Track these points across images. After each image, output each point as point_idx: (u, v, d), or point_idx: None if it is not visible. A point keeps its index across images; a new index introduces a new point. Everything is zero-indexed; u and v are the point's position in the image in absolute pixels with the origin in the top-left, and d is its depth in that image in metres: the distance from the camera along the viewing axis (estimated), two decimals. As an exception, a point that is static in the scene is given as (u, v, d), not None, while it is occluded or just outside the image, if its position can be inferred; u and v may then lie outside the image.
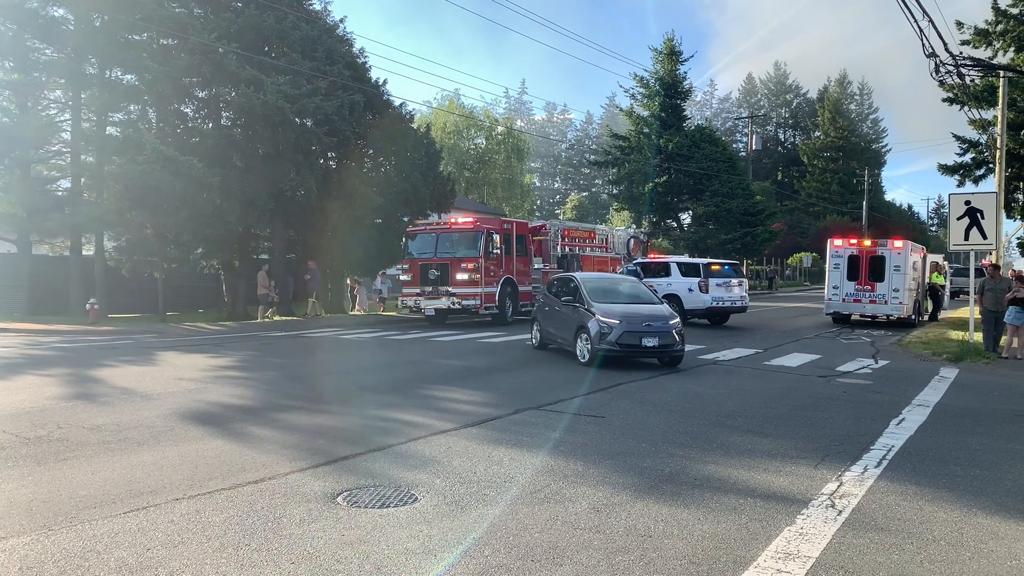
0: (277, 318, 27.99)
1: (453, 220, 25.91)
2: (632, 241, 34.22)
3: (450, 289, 24.06)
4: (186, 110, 30.46)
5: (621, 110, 65.04)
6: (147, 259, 27.53)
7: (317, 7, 33.57)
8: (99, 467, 7.38)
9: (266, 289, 27.51)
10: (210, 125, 30.10)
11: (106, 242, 28.90)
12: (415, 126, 36.19)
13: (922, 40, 17.68)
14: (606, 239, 32.47)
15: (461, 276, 23.91)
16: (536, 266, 27.25)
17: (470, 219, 25.73)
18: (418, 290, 24.78)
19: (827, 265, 26.92)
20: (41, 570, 4.90)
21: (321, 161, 31.12)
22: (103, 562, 5.05)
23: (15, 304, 27.53)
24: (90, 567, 4.95)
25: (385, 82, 34.20)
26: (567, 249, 28.87)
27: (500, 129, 66.61)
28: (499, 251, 24.78)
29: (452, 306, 24.06)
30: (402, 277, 25.69)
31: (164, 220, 25.62)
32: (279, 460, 7.65)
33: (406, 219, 30.64)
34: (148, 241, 26.94)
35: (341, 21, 33.89)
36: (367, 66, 33.79)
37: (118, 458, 7.72)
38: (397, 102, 34.51)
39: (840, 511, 6.31)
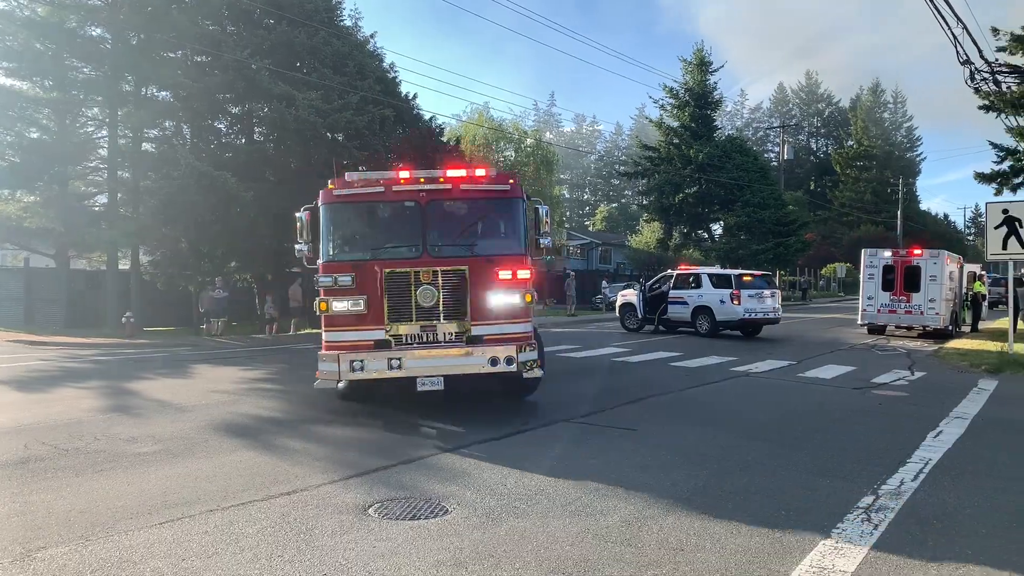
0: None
1: (447, 172, 11.19)
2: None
3: (477, 327, 10.62)
4: (220, 126, 30.96)
5: (651, 121, 64.95)
6: (182, 273, 27.89)
7: (348, 23, 34.02)
8: (135, 478, 7.48)
9: (298, 303, 27.61)
10: (243, 140, 30.53)
11: (141, 256, 29.35)
12: (445, 139, 36.39)
13: (956, 47, 17.50)
14: None
15: (499, 298, 10.68)
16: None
17: (481, 171, 11.27)
18: (382, 332, 10.52)
19: (861, 275, 26.57)
20: (78, 580, 4.97)
21: (352, 175, 31.39)
22: (139, 572, 5.12)
23: (53, 317, 28.05)
24: (126, 577, 5.02)
25: (415, 96, 34.67)
26: None
27: (529, 141, 66.59)
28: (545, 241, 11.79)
29: (490, 366, 10.42)
30: (335, 305, 10.57)
31: (198, 234, 25.97)
32: (311, 472, 7.70)
33: None
34: (183, 255, 27.30)
35: (371, 36, 34.35)
36: (397, 80, 34.17)
37: (153, 469, 7.82)
38: (427, 116, 34.88)
39: (876, 525, 6.22)
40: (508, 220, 11.37)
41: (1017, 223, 18.41)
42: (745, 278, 25.09)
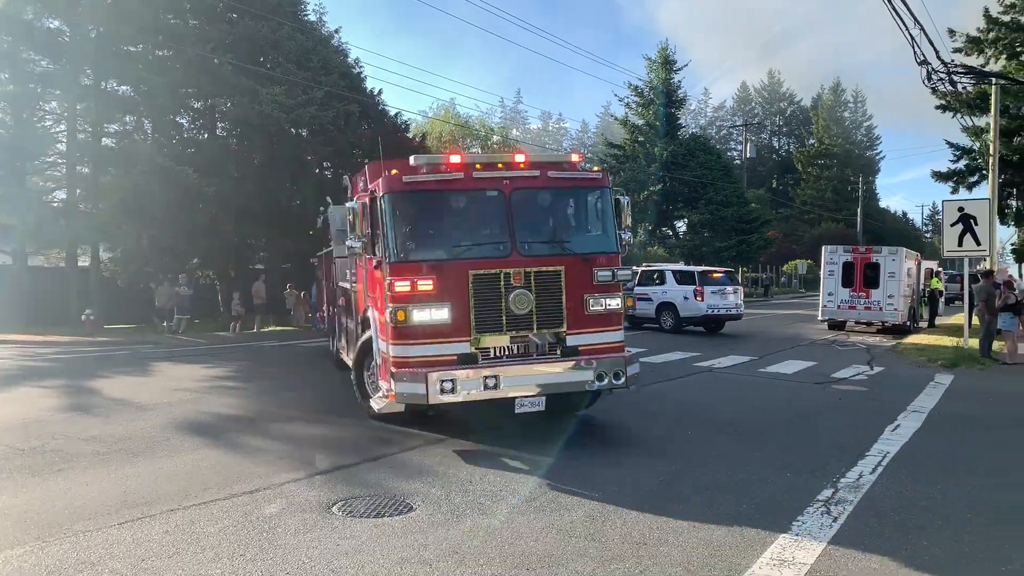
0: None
1: (529, 158, 9.74)
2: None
3: (572, 336, 9.18)
4: (182, 121, 30.51)
5: (616, 119, 65.19)
6: (143, 270, 27.47)
7: (312, 18, 33.69)
8: (94, 478, 7.37)
9: (261, 300, 27.30)
10: (206, 136, 30.15)
11: (102, 253, 28.85)
12: (411, 135, 36.24)
13: (914, 48, 17.78)
14: None
15: (598, 302, 9.32)
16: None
17: (559, 157, 10.41)
18: (467, 344, 8.81)
19: (822, 272, 26.95)
20: (36, 582, 4.90)
21: (316, 171, 31.17)
22: (97, 573, 5.06)
23: (12, 315, 27.44)
24: (85, 578, 4.95)
25: (380, 92, 34.31)
26: None
27: (496, 138, 66.71)
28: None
29: (597, 381, 9.06)
30: (416, 314, 8.70)
31: (160, 230, 25.58)
32: (274, 470, 7.65)
33: None
34: (144, 252, 26.87)
35: (336, 32, 34.02)
36: (362, 76, 33.91)
37: (113, 469, 7.71)
38: (392, 112, 34.63)
39: (835, 518, 6.33)
40: (599, 213, 9.98)
41: (972, 221, 18.80)
42: (708, 275, 25.33)
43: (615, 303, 9.42)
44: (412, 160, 9.23)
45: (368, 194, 9.67)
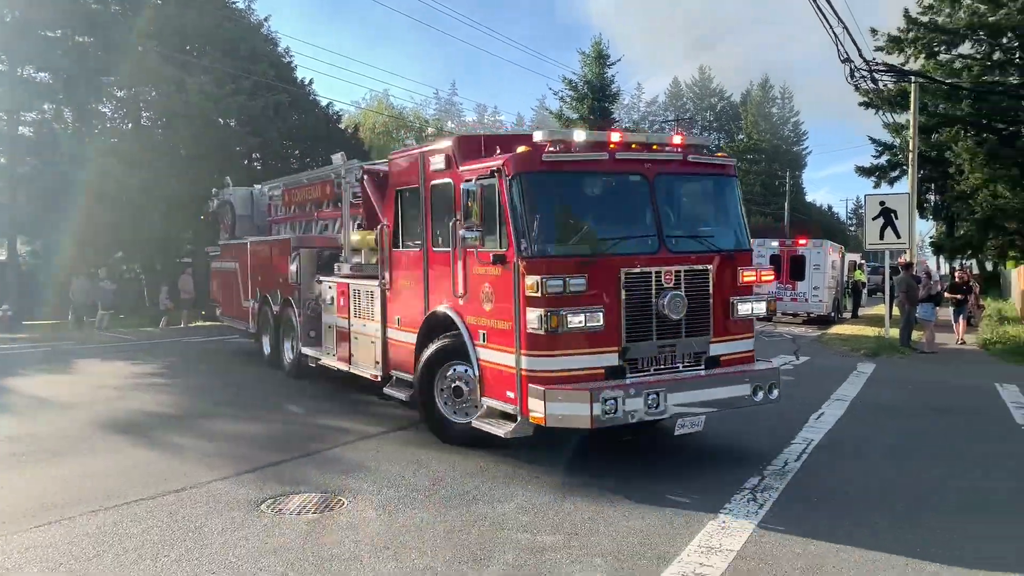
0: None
1: (672, 139, 8.55)
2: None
3: (715, 344, 8.11)
4: (104, 110, 29.54)
5: (551, 113, 65.42)
6: (64, 263, 26.56)
7: (240, 5, 33.00)
8: (10, 480, 7.12)
9: (189, 295, 26.63)
10: (130, 125, 29.28)
11: (20, 246, 27.82)
12: (343, 126, 35.84)
13: (837, 46, 18.26)
14: None
15: (745, 307, 8.32)
16: None
17: (698, 140, 9.84)
18: (615, 355, 7.48)
19: (751, 264, 27.54)
20: (-54, 589, 4.71)
21: (245, 162, 30.54)
22: (13, 579, 4.88)
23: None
24: (-1, 584, 4.77)
25: (311, 81, 33.97)
26: None
27: (430, 130, 66.33)
28: None
29: (751, 396, 8.06)
30: (571, 319, 7.23)
31: (81, 223, 24.75)
32: (202, 468, 7.48)
33: None
34: (64, 245, 25.98)
35: (265, 20, 33.45)
36: (292, 65, 33.43)
37: (31, 470, 7.45)
38: (324, 102, 34.24)
39: (761, 504, 6.48)
40: (732, 205, 8.91)
41: (893, 215, 19.42)
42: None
43: (761, 307, 8.48)
44: (535, 136, 7.88)
45: (480, 174, 7.92)
